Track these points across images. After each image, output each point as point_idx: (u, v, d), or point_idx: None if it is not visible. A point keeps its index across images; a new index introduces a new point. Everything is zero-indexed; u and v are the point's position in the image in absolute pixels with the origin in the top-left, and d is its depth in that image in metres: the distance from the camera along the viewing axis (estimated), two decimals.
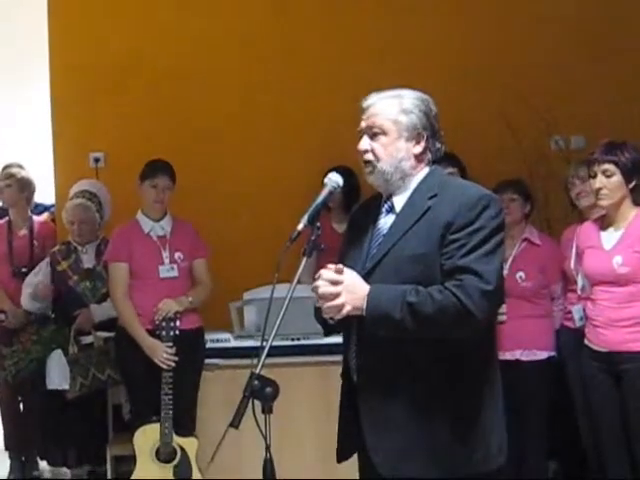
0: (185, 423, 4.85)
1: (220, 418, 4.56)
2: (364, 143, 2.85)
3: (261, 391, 2.62)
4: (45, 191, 6.33)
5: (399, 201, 2.84)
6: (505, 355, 4.64)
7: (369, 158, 2.84)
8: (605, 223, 4.28)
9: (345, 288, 2.69)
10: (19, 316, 5.64)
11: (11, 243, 5.83)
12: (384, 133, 2.82)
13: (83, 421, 5.47)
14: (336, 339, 3.13)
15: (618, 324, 4.14)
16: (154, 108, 5.99)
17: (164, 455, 4.78)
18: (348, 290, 2.69)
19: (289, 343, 5.00)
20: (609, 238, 4.23)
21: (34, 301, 5.52)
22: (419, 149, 2.84)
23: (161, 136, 5.90)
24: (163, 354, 4.74)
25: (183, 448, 4.79)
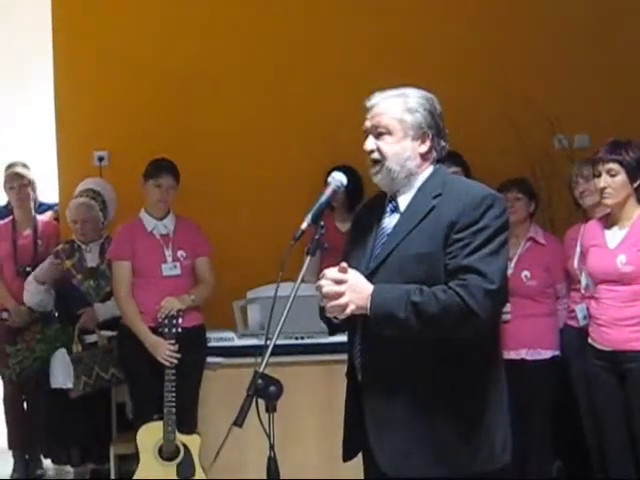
0: (187, 421, 4.87)
1: (224, 417, 4.54)
2: (370, 143, 2.84)
3: (265, 390, 2.62)
4: (48, 190, 6.33)
5: (403, 200, 2.84)
6: (510, 354, 4.64)
7: (376, 157, 2.83)
8: (609, 222, 4.28)
9: (349, 287, 2.69)
10: (23, 315, 5.64)
11: (15, 242, 5.83)
12: (390, 132, 2.82)
13: (87, 420, 5.47)
14: (340, 338, 3.12)
15: (622, 323, 4.14)
16: (158, 107, 5.98)
17: (167, 453, 4.79)
18: (352, 289, 2.69)
19: (293, 342, 4.99)
20: (613, 237, 4.23)
21: (38, 291, 5.49)
22: (425, 148, 2.83)
23: (165, 135, 5.90)
24: (165, 351, 4.75)
25: (186, 446, 4.80)
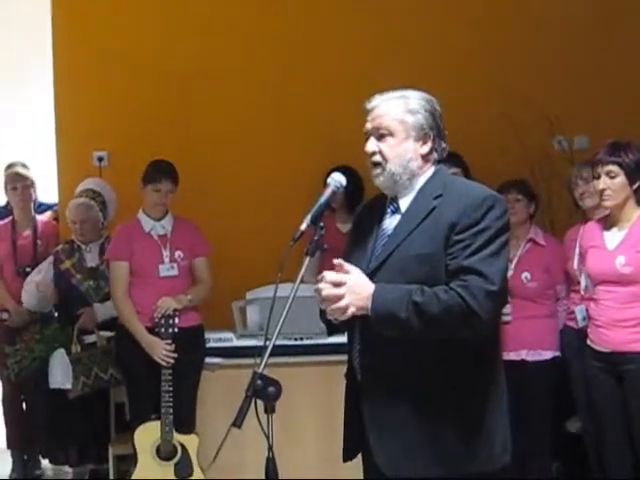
0: (186, 421, 4.87)
1: (222, 418, 4.53)
2: (371, 145, 2.84)
3: (264, 391, 2.62)
4: (48, 190, 6.33)
5: (404, 202, 2.84)
6: (510, 355, 4.65)
7: (377, 160, 2.83)
8: (609, 223, 4.28)
9: (348, 289, 2.68)
10: (22, 315, 5.64)
11: (15, 242, 5.83)
12: (391, 134, 2.81)
13: (85, 420, 5.47)
14: (339, 339, 3.12)
15: (620, 324, 4.14)
16: (158, 107, 5.98)
17: (165, 453, 4.79)
18: (352, 291, 2.68)
19: (292, 343, 4.99)
20: (612, 238, 4.23)
21: (36, 295, 5.50)
22: (426, 149, 2.83)
23: (165, 135, 5.90)
24: (162, 351, 4.76)
25: (184, 446, 4.80)
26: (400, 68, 5.67)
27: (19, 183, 5.89)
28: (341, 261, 2.74)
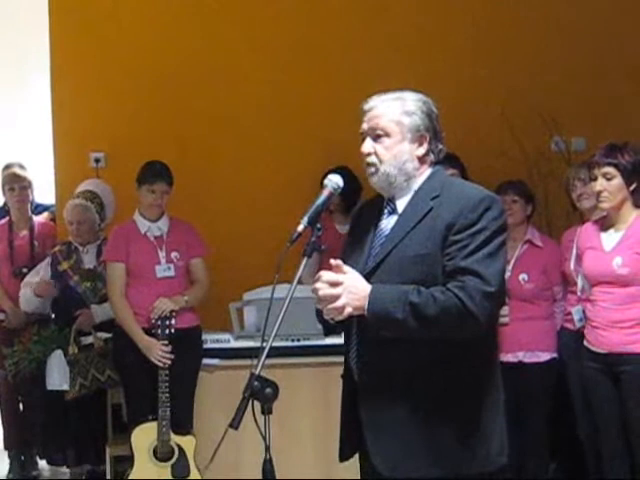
0: (183, 421, 4.86)
1: (220, 419, 4.55)
2: (367, 146, 2.84)
3: (261, 392, 2.61)
4: (45, 191, 6.33)
5: (401, 203, 2.83)
6: (507, 357, 4.65)
7: (372, 161, 2.83)
8: (605, 224, 4.28)
9: (345, 289, 2.68)
10: (20, 316, 5.64)
11: (12, 243, 5.82)
12: (387, 135, 2.81)
13: (83, 421, 5.46)
14: (336, 340, 3.12)
15: (617, 325, 4.15)
16: (155, 109, 5.98)
17: (162, 454, 4.78)
18: (348, 291, 2.68)
19: (289, 344, 4.99)
20: (609, 239, 4.23)
21: (34, 299, 5.50)
22: (422, 151, 2.83)
23: (162, 137, 5.90)
24: (159, 352, 4.76)
25: (181, 447, 4.79)
26: (398, 69, 5.67)
27: (16, 184, 5.89)
28: (339, 262, 2.74)
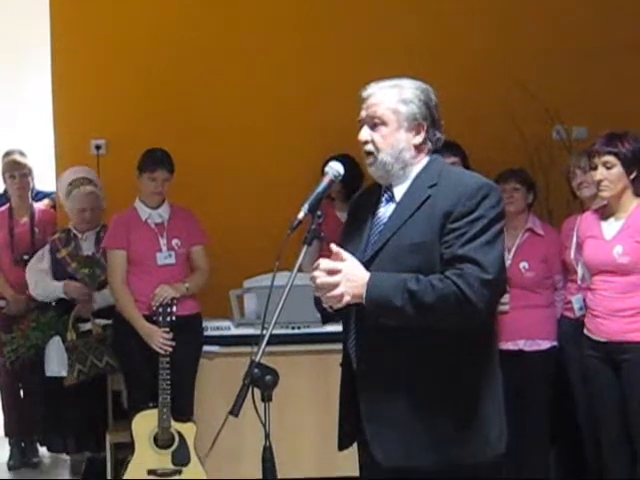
0: (183, 409, 4.87)
1: (220, 406, 4.57)
2: (364, 134, 2.83)
3: (261, 379, 2.62)
4: (45, 178, 6.32)
5: (399, 190, 2.83)
6: (508, 345, 4.65)
7: (370, 149, 2.82)
8: (606, 213, 4.28)
9: (344, 277, 2.68)
10: (20, 303, 5.65)
11: (12, 230, 5.83)
12: (384, 123, 2.80)
13: (82, 408, 5.46)
14: (336, 327, 3.12)
15: (618, 314, 4.15)
16: (156, 96, 5.97)
17: (162, 441, 4.79)
18: (347, 279, 2.68)
19: (289, 331, 5.00)
20: (610, 228, 4.23)
21: (53, 290, 5.41)
22: (419, 139, 2.82)
23: (163, 124, 5.89)
24: (160, 339, 4.77)
25: (181, 434, 4.80)
26: (398, 57, 5.67)
27: (17, 171, 5.89)
28: (338, 249, 2.73)
